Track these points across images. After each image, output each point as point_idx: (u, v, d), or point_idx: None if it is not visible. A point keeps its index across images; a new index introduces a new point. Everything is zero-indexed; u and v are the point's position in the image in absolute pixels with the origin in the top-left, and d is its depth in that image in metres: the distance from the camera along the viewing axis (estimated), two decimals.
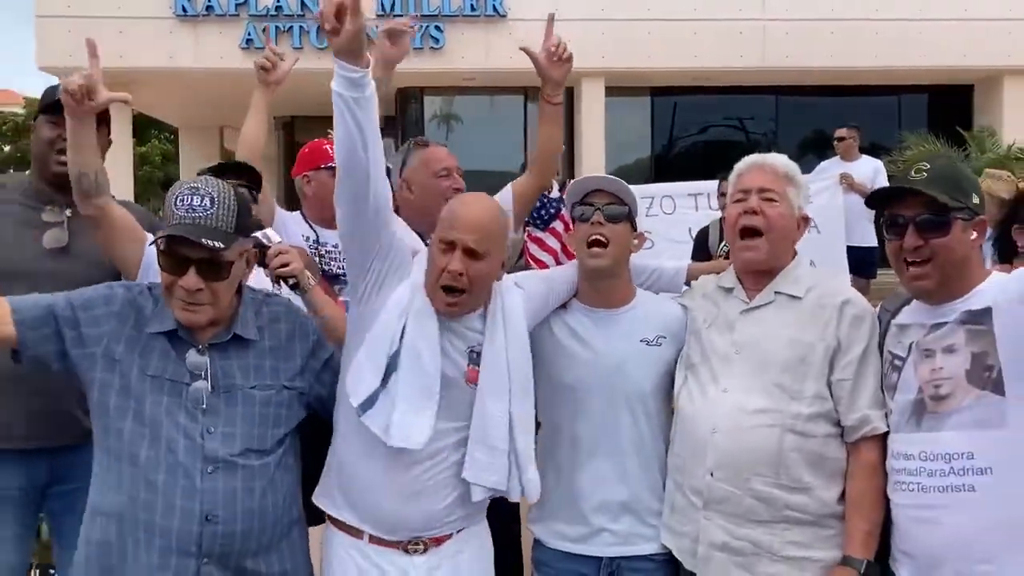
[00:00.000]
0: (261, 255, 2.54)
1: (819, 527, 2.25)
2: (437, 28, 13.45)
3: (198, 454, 2.12)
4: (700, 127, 15.76)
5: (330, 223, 3.47)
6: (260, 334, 2.27)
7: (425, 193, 3.10)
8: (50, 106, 2.72)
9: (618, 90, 14.30)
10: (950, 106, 14.91)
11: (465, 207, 2.30)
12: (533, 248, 7.48)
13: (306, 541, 2.37)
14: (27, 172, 2.94)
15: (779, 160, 2.48)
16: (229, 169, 2.91)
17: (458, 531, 2.36)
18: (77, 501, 2.70)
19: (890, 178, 8.45)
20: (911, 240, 2.13)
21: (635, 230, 2.52)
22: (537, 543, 2.59)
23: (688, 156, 15.51)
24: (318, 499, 2.40)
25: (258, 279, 2.72)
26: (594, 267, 2.48)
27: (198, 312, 2.14)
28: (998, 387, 2.03)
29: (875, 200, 2.26)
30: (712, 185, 7.43)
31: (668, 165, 14.95)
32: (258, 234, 2.58)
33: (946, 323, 2.12)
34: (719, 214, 7.00)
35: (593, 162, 13.87)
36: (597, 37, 13.32)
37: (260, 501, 2.17)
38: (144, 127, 23.83)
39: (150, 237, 2.65)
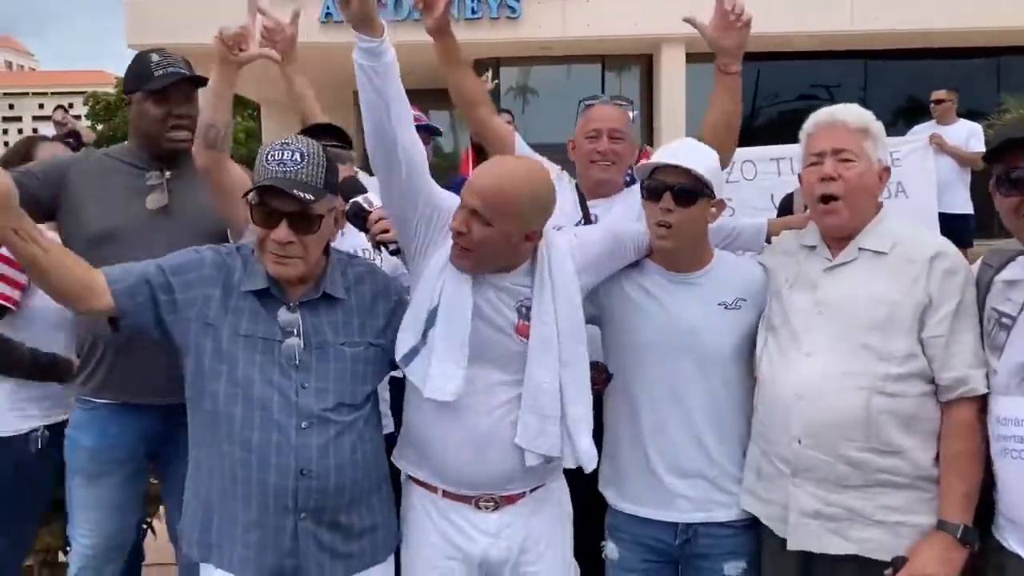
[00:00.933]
0: (362, 220, 2.59)
1: (915, 490, 2.15)
2: None
3: (292, 410, 2.16)
4: (786, 94, 15.33)
5: None
6: (348, 293, 2.30)
7: (578, 154, 3.08)
8: (154, 84, 2.80)
9: (700, 56, 13.96)
10: None
11: (485, 169, 2.27)
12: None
13: (393, 496, 2.41)
14: (126, 141, 3.03)
15: (851, 113, 2.34)
16: (319, 130, 2.94)
17: (531, 490, 2.34)
18: (186, 456, 2.82)
19: (987, 144, 8.07)
20: None
21: (713, 199, 2.40)
22: (610, 509, 2.55)
23: (773, 125, 15.10)
24: (396, 458, 2.43)
25: (349, 242, 2.80)
26: (660, 248, 2.43)
27: (289, 265, 2.17)
28: None
29: (991, 155, 2.11)
30: (795, 149, 7.17)
31: (752, 134, 14.54)
32: (360, 199, 2.63)
33: None
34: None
35: (673, 131, 13.63)
36: (677, 2, 13.02)
37: (351, 455, 2.22)
38: None
39: None
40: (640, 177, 2.45)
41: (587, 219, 2.93)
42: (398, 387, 2.49)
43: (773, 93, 15.36)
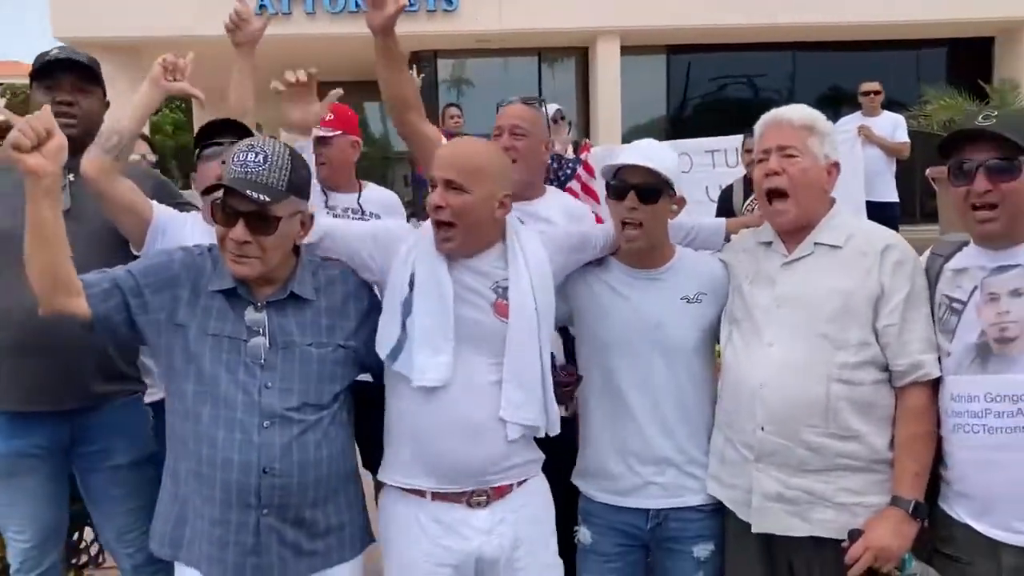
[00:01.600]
0: None
1: (871, 473, 2.28)
2: None
3: (255, 409, 2.19)
4: (716, 85, 15.66)
5: (339, 187, 3.55)
6: (317, 294, 2.33)
7: None
8: (41, 72, 2.79)
9: (633, 49, 14.20)
10: (970, 59, 14.76)
11: (447, 147, 2.43)
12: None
13: (362, 496, 2.44)
14: None
15: (796, 112, 2.45)
16: (222, 128, 2.89)
17: (519, 483, 2.41)
18: (101, 459, 2.85)
19: (909, 133, 8.41)
20: (980, 184, 2.14)
21: (674, 196, 2.52)
22: (583, 496, 2.64)
23: (704, 115, 15.42)
24: (382, 476, 2.45)
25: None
26: (629, 248, 2.53)
27: (246, 264, 2.20)
28: None
29: (944, 147, 2.25)
30: (730, 141, 7.36)
31: (684, 124, 14.87)
32: None
33: (1013, 266, 2.14)
34: (738, 171, 6.99)
35: (609, 122, 13.85)
36: None
37: (315, 454, 2.24)
38: None
39: (154, 204, 2.75)
40: (605, 178, 2.55)
41: None
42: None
43: (706, 85, 15.68)
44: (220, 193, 2.18)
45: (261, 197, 2.13)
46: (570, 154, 7.44)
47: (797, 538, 2.33)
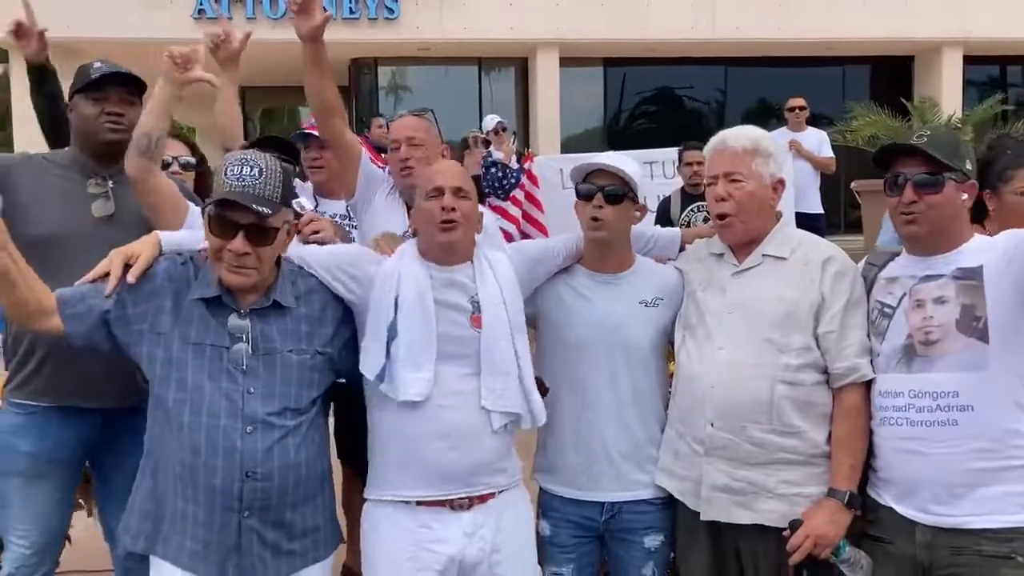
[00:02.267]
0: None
1: (810, 466, 2.48)
2: None
3: (238, 415, 2.26)
4: (652, 97, 16.04)
5: (332, 194, 3.67)
6: (297, 302, 2.40)
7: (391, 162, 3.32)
8: (90, 85, 2.86)
9: (572, 60, 14.47)
10: (892, 78, 15.40)
11: (439, 163, 2.71)
12: (495, 217, 7.66)
13: (334, 500, 2.53)
14: (66, 148, 3.03)
15: (740, 138, 2.61)
16: (269, 143, 3.07)
17: (500, 491, 2.54)
18: (126, 459, 2.81)
19: (834, 148, 8.79)
20: (908, 195, 2.37)
21: (636, 203, 2.72)
22: (543, 491, 2.80)
23: (640, 126, 15.80)
24: (369, 496, 2.56)
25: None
26: (594, 239, 2.70)
27: (244, 275, 2.27)
28: (984, 336, 2.29)
29: (878, 160, 2.48)
30: (667, 153, 7.60)
31: (621, 134, 15.22)
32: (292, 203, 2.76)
33: (938, 276, 2.37)
34: (674, 182, 7.25)
35: (548, 132, 14.08)
36: (552, 9, 13.48)
37: (295, 457, 2.32)
38: None
39: (188, 204, 2.82)
40: (575, 181, 2.73)
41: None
42: None
43: (642, 97, 16.05)
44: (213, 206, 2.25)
45: (264, 210, 2.22)
46: (514, 164, 7.60)
47: (742, 526, 2.52)
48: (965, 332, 2.31)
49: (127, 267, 2.32)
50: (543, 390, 2.67)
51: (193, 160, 3.95)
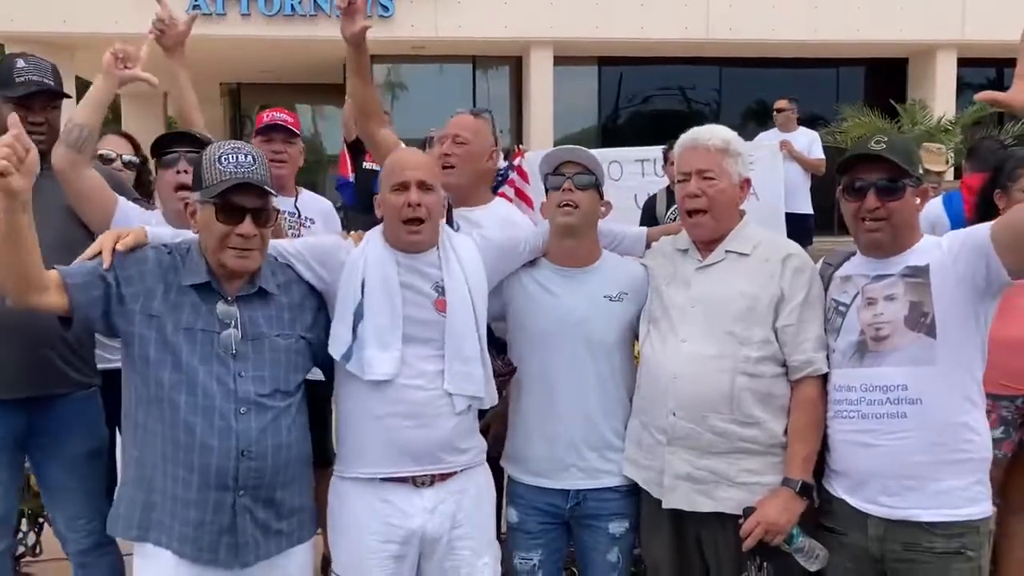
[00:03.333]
0: None
1: (769, 456, 2.54)
2: None
3: (231, 397, 2.33)
4: (646, 97, 16.08)
5: (283, 189, 3.60)
6: (279, 290, 2.49)
7: None
8: (15, 91, 2.85)
9: (566, 59, 14.51)
10: (885, 80, 15.44)
11: (404, 153, 2.74)
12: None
13: (312, 485, 2.60)
14: None
15: (712, 137, 2.68)
16: (182, 139, 3.11)
17: (462, 469, 2.61)
18: (58, 449, 2.91)
19: (825, 149, 8.83)
20: (871, 201, 2.42)
21: (602, 198, 2.79)
22: (511, 479, 2.86)
23: (634, 125, 15.81)
24: (337, 473, 2.63)
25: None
26: (564, 223, 2.74)
27: (250, 258, 2.36)
28: (931, 331, 2.37)
29: (840, 167, 2.53)
30: (658, 151, 7.69)
31: (614, 133, 15.25)
32: None
33: (888, 275, 2.44)
34: (664, 180, 7.29)
35: (541, 130, 14.11)
36: (546, 8, 13.53)
37: (286, 437, 2.41)
38: (84, 92, 23.35)
39: (117, 197, 2.86)
40: (544, 173, 2.80)
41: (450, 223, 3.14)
42: None
43: (636, 96, 16.09)
44: (186, 193, 2.35)
45: (271, 191, 2.34)
46: (502, 162, 7.65)
47: (704, 515, 2.58)
48: (913, 328, 2.38)
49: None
50: (511, 370, 2.74)
51: (136, 159, 3.97)
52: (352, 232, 2.77)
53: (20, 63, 2.92)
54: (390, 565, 2.55)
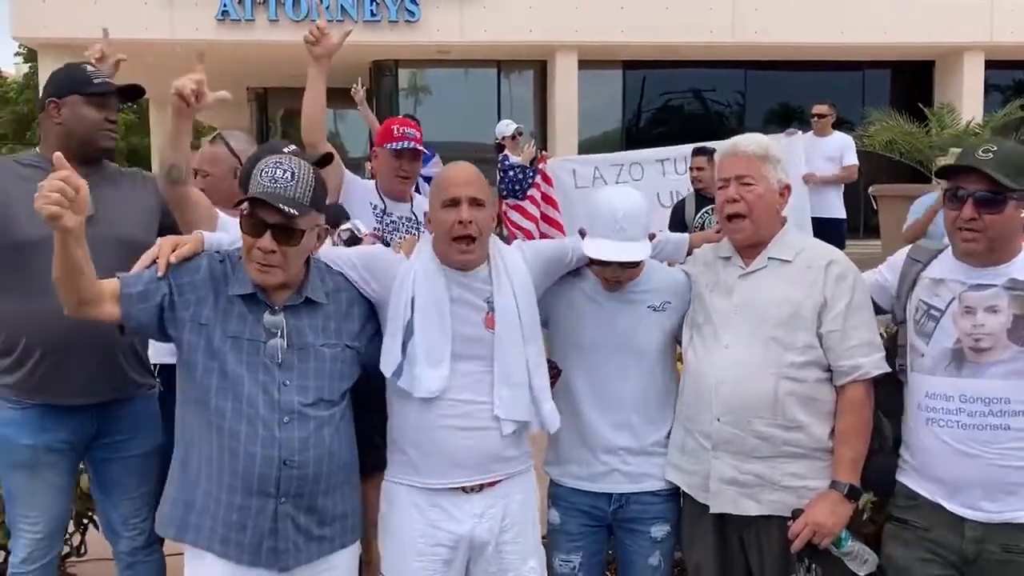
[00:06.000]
0: (354, 243, 2.92)
1: (813, 459, 2.57)
2: (413, 1, 13.58)
3: (275, 406, 2.37)
4: (670, 100, 16.09)
5: (398, 196, 3.79)
6: (327, 299, 2.52)
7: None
8: (96, 88, 2.94)
9: (591, 63, 14.54)
10: (912, 82, 15.37)
11: (455, 168, 2.66)
12: (515, 216, 7.85)
13: (359, 491, 2.63)
14: (32, 150, 3.06)
15: (751, 143, 2.71)
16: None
17: (508, 477, 2.64)
18: (120, 450, 3.00)
19: (859, 153, 8.77)
20: (968, 212, 2.40)
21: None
22: (553, 482, 2.90)
23: (658, 128, 15.84)
24: (388, 478, 2.66)
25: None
26: (611, 289, 2.78)
27: (270, 273, 2.37)
28: None
29: (942, 171, 2.52)
30: (678, 150, 7.72)
31: (638, 137, 15.26)
32: (349, 225, 2.95)
33: (990, 286, 2.43)
34: (685, 178, 7.37)
35: (567, 134, 14.16)
36: (571, 12, 13.56)
37: (329, 446, 2.43)
38: None
39: (217, 214, 2.91)
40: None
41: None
42: None
43: (660, 99, 16.09)
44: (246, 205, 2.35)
45: (290, 211, 2.31)
46: (514, 159, 7.82)
47: (748, 517, 2.61)
48: (1016, 341, 2.38)
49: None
50: (556, 372, 2.77)
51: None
52: (403, 240, 2.82)
53: (89, 68, 3.00)
54: (439, 569, 2.58)
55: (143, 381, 3.07)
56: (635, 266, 2.73)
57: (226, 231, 2.84)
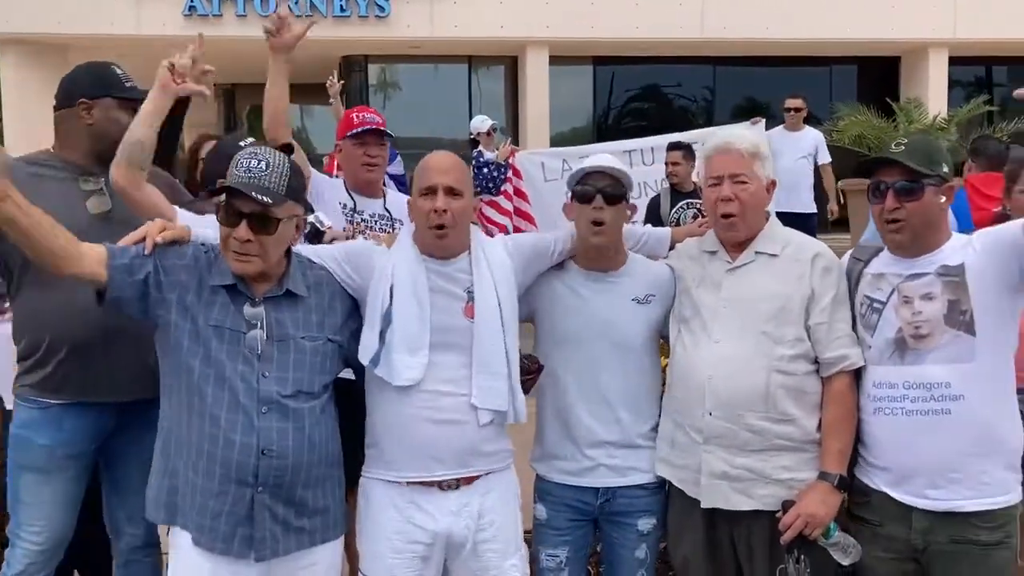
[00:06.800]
0: (317, 237, 2.86)
1: (803, 452, 2.60)
2: None
3: (254, 396, 2.37)
4: (641, 95, 16.13)
5: (368, 190, 3.59)
6: (308, 292, 2.52)
7: None
8: (130, 93, 2.93)
9: (562, 59, 14.54)
10: (878, 78, 15.53)
11: (435, 156, 2.67)
12: (489, 212, 7.90)
13: (343, 486, 2.61)
14: (46, 149, 3.02)
15: (744, 141, 2.73)
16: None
17: (486, 473, 2.64)
18: (136, 449, 2.90)
19: (828, 148, 8.88)
20: (891, 203, 2.49)
21: (628, 202, 2.81)
22: (540, 477, 2.90)
23: (628, 123, 15.86)
24: (365, 473, 2.66)
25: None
26: (596, 244, 2.77)
27: (247, 262, 2.38)
28: (970, 328, 2.43)
29: (864, 168, 2.61)
30: (645, 142, 7.89)
31: (610, 132, 15.27)
32: (311, 217, 2.86)
33: (923, 274, 2.50)
34: (653, 169, 7.46)
35: (538, 129, 14.16)
36: (542, 7, 13.55)
37: (308, 438, 2.43)
38: None
39: (176, 209, 2.85)
40: (571, 186, 2.81)
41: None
42: None
43: (631, 95, 16.14)
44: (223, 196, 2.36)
45: (264, 199, 2.33)
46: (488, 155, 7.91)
47: (737, 511, 2.62)
48: (953, 326, 2.45)
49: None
50: (538, 367, 2.77)
51: None
52: (385, 234, 2.80)
53: (118, 70, 2.96)
54: (416, 565, 2.59)
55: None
56: (617, 200, 2.72)
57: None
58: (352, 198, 3.57)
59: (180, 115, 3.39)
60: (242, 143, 2.99)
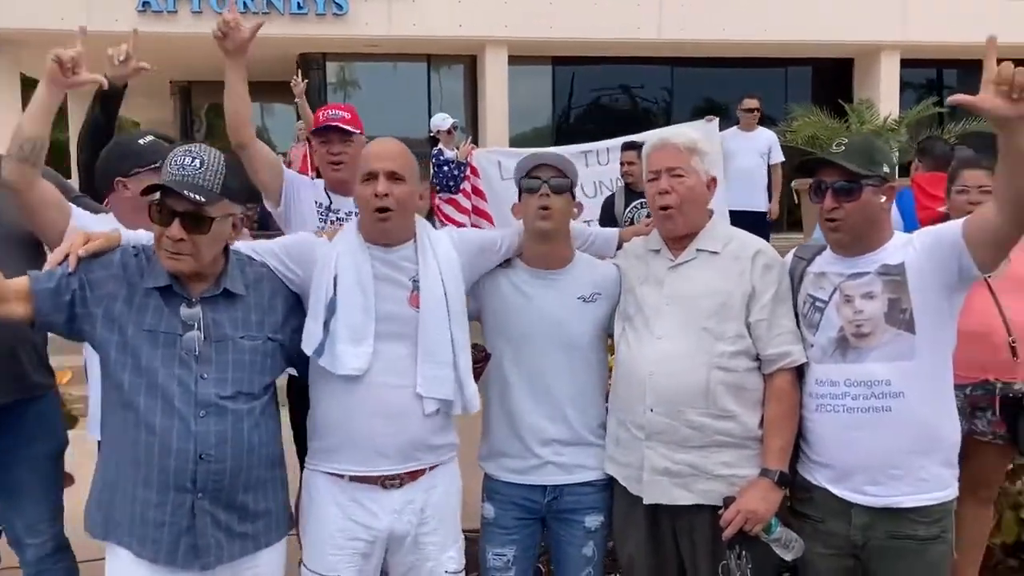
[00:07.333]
0: None
1: (744, 448, 2.62)
2: None
3: (191, 399, 2.32)
4: (599, 95, 16.20)
5: (341, 190, 3.51)
6: (247, 290, 2.48)
7: None
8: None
9: (520, 59, 14.56)
10: (832, 79, 15.75)
11: (375, 143, 2.66)
12: (448, 210, 7.92)
13: (286, 487, 2.60)
14: None
15: (680, 136, 2.77)
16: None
17: (431, 468, 2.63)
18: (22, 452, 2.90)
19: (783, 148, 9.01)
20: (829, 202, 2.54)
21: (574, 199, 2.82)
22: (488, 476, 2.90)
23: (587, 123, 15.89)
24: (308, 466, 2.64)
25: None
26: (542, 229, 2.76)
27: (180, 261, 2.33)
28: (910, 327, 2.47)
29: (804, 168, 2.65)
30: (600, 144, 7.93)
31: (568, 131, 15.33)
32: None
33: (864, 273, 2.54)
34: (608, 168, 7.53)
35: (497, 128, 14.16)
36: (500, 7, 13.56)
37: (248, 441, 2.39)
38: (30, 89, 22.83)
39: (71, 208, 2.79)
40: (518, 177, 2.82)
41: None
42: None
43: (589, 95, 16.20)
44: (157, 194, 2.32)
45: (197, 197, 2.28)
46: (449, 155, 7.93)
47: (680, 507, 2.64)
48: (893, 324, 2.48)
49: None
50: (484, 356, 2.77)
51: None
52: (327, 228, 2.76)
53: (141, 140, 2.97)
54: (356, 562, 2.58)
55: (46, 382, 2.99)
56: (563, 191, 2.73)
57: (85, 228, 2.71)
58: (328, 197, 3.57)
59: (114, 108, 3.34)
60: (141, 140, 2.96)
